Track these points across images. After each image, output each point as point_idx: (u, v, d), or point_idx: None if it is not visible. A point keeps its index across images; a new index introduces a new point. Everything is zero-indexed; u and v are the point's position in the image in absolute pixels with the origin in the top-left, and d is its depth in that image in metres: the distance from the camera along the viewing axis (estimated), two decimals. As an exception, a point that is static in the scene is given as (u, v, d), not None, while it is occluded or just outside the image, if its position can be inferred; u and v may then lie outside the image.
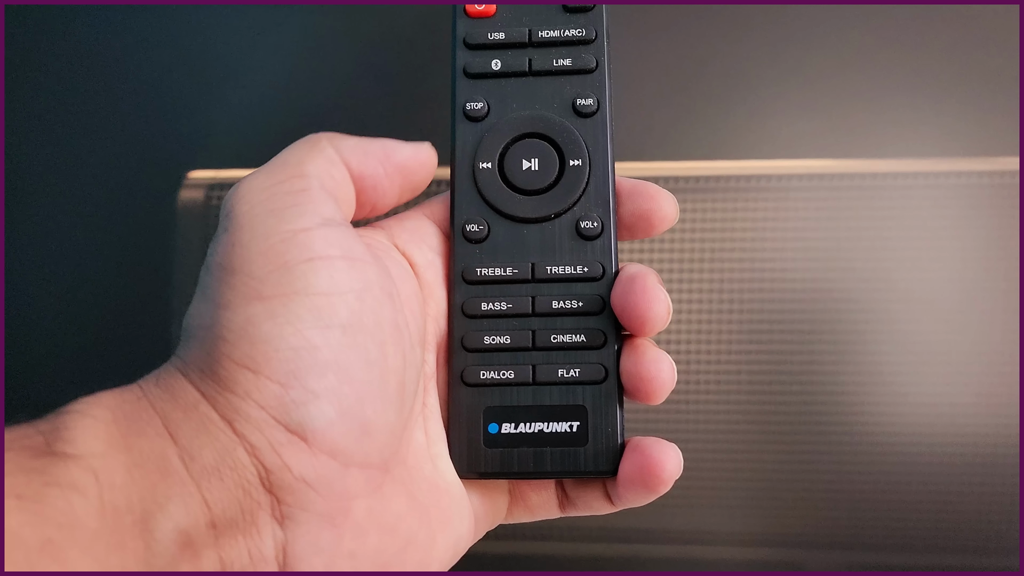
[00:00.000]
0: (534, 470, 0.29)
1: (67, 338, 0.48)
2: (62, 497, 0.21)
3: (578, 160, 0.31)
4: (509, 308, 0.30)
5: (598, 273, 0.30)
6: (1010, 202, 0.46)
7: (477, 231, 0.31)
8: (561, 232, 0.31)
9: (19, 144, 0.49)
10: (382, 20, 0.49)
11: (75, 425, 0.23)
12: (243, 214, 0.26)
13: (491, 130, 0.31)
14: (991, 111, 0.46)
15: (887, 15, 0.47)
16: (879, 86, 0.47)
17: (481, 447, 0.29)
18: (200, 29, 0.49)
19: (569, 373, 0.30)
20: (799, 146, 0.47)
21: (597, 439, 0.29)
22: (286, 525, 0.24)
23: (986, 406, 0.45)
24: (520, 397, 0.30)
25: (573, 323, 0.30)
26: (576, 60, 0.31)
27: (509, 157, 0.31)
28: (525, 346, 0.30)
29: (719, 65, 0.48)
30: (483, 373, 0.30)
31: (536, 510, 0.32)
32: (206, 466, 0.24)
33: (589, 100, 0.31)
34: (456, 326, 0.30)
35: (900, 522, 0.46)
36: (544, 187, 0.31)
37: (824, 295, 0.47)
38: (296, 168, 0.28)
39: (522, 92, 0.31)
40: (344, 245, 0.26)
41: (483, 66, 0.32)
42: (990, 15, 0.46)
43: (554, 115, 0.31)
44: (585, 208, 0.31)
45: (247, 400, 0.24)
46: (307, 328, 0.25)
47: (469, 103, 0.31)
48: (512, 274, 0.30)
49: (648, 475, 0.28)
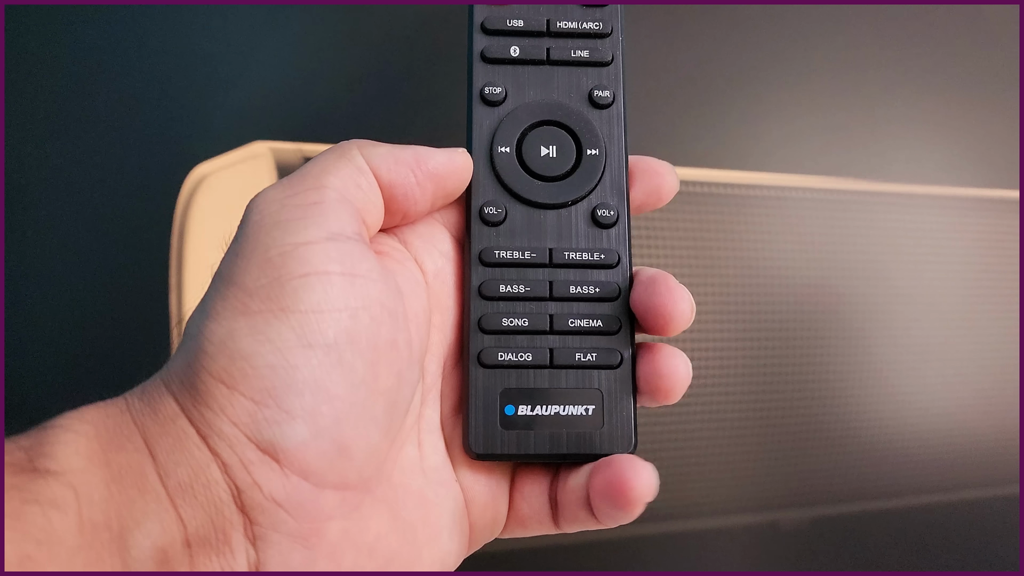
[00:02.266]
0: (550, 452, 0.29)
1: (67, 339, 0.47)
2: (41, 514, 0.21)
3: (595, 150, 0.31)
4: (527, 291, 0.30)
5: (614, 261, 0.31)
6: (1010, 203, 0.47)
7: (495, 213, 0.31)
8: (578, 219, 0.31)
9: (19, 144, 0.48)
10: (382, 20, 0.50)
11: (57, 440, 0.23)
12: (252, 224, 0.26)
13: (509, 115, 0.32)
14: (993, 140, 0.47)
15: (905, 42, 0.49)
16: (885, 108, 0.48)
17: (498, 428, 0.29)
18: (200, 29, 0.49)
19: (586, 357, 0.30)
20: (799, 161, 0.48)
21: (613, 422, 0.30)
22: (258, 545, 0.24)
23: (986, 406, 0.46)
24: (537, 380, 0.30)
25: (589, 308, 0.30)
26: (593, 52, 0.32)
27: (527, 143, 0.31)
28: (543, 329, 0.30)
29: (725, 76, 0.49)
30: (501, 355, 0.30)
31: (528, 523, 0.31)
32: (181, 482, 0.24)
33: (606, 92, 0.32)
34: (473, 307, 0.30)
35: (900, 521, 0.47)
36: (562, 174, 0.31)
37: (823, 296, 0.47)
38: (315, 179, 0.27)
39: (540, 80, 0.32)
40: (347, 261, 0.26)
41: (502, 51, 0.32)
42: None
43: (572, 104, 0.32)
44: (601, 196, 0.31)
45: (221, 416, 0.24)
46: (287, 346, 0.24)
47: (487, 87, 0.32)
48: (530, 258, 0.31)
49: (617, 493, 0.27)
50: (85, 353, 0.47)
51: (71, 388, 0.44)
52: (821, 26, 0.49)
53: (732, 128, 0.49)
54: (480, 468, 0.30)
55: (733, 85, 0.49)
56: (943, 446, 0.47)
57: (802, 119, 0.49)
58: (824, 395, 0.47)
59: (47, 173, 0.48)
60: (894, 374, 0.47)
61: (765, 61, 0.49)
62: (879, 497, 0.47)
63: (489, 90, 0.32)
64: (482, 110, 0.32)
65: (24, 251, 0.47)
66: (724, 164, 0.47)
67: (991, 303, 0.48)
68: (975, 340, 0.47)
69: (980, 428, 0.47)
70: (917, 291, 0.48)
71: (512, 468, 0.31)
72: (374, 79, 0.50)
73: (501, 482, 0.30)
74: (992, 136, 0.49)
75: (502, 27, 0.32)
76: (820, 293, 0.47)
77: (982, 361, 0.47)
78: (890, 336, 0.47)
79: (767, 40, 0.49)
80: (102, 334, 0.47)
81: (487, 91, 0.32)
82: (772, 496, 0.47)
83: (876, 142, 0.49)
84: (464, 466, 0.30)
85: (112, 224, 0.48)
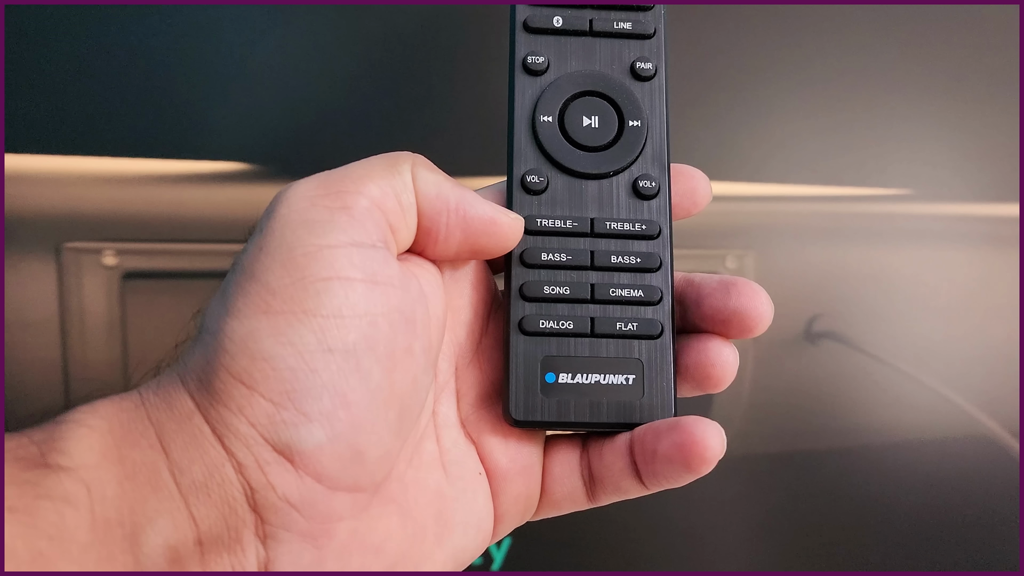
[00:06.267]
0: (590, 420, 0.29)
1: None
2: (54, 510, 0.22)
3: (637, 121, 0.31)
4: (569, 260, 0.30)
5: (655, 232, 0.31)
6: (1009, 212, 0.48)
7: (537, 182, 0.31)
8: (619, 189, 0.31)
9: (19, 144, 0.47)
10: (382, 20, 0.50)
11: (70, 435, 0.23)
12: (280, 218, 0.26)
13: (552, 85, 0.32)
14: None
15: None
16: (883, 110, 0.49)
17: (538, 395, 0.29)
18: (200, 29, 0.49)
19: (627, 327, 0.30)
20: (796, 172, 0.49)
21: (653, 392, 0.30)
22: (268, 544, 0.24)
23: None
24: (578, 348, 0.30)
25: (631, 279, 0.30)
26: (636, 24, 0.32)
27: (569, 113, 0.31)
28: (584, 298, 0.30)
29: (720, 85, 0.49)
30: (542, 322, 0.30)
31: (563, 503, 0.31)
32: (195, 481, 0.24)
33: (648, 64, 0.32)
34: (515, 275, 0.30)
35: (900, 521, 0.47)
36: (604, 144, 0.31)
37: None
38: (353, 183, 0.27)
39: (582, 51, 0.32)
40: (370, 267, 0.26)
41: (544, 21, 0.32)
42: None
43: (615, 75, 0.32)
44: (643, 168, 0.31)
45: (239, 416, 0.24)
46: (308, 349, 0.24)
47: (530, 56, 0.32)
48: (572, 227, 0.30)
49: (690, 454, 0.27)
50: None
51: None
52: (819, 28, 0.51)
53: (727, 138, 0.49)
54: (513, 455, 0.30)
55: (730, 93, 0.50)
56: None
57: (796, 127, 0.50)
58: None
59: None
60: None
61: (764, 63, 0.50)
62: (879, 497, 0.47)
63: (532, 59, 0.32)
64: (524, 79, 0.32)
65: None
66: (720, 176, 0.48)
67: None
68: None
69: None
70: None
71: (542, 450, 0.31)
72: (374, 79, 0.49)
73: (534, 465, 0.30)
74: (992, 137, 0.50)
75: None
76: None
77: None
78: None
79: (766, 42, 0.50)
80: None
81: (530, 60, 0.32)
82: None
83: (874, 146, 0.50)
84: (496, 454, 0.30)
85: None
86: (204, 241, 0.49)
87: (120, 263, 0.48)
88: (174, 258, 0.49)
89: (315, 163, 0.29)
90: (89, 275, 0.48)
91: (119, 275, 0.48)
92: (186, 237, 0.49)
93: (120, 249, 0.49)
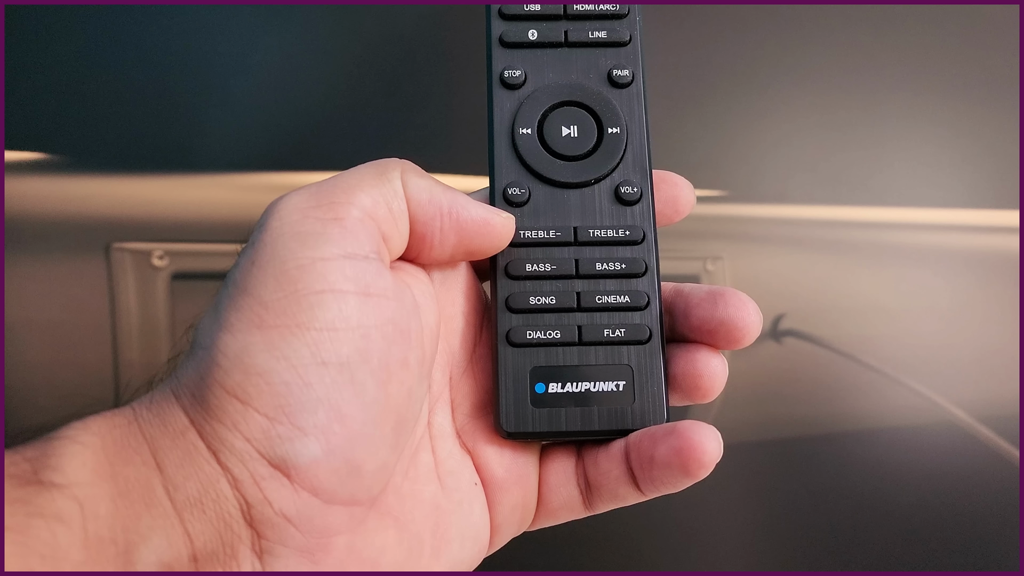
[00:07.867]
0: (582, 428, 0.29)
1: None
2: (46, 528, 0.21)
3: (616, 128, 0.32)
4: (553, 270, 0.30)
5: (639, 237, 0.31)
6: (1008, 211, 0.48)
7: (519, 194, 0.31)
8: (601, 197, 0.31)
9: (19, 144, 0.47)
10: (382, 20, 0.50)
11: (63, 452, 0.23)
12: (271, 231, 0.26)
13: (530, 97, 0.32)
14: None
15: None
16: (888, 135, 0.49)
17: (529, 407, 0.29)
18: (200, 30, 0.49)
19: (615, 333, 0.30)
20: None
21: (644, 398, 0.30)
22: (265, 559, 0.24)
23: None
24: (566, 357, 0.30)
25: (617, 285, 0.30)
26: (611, 33, 0.32)
27: (548, 124, 0.32)
28: (570, 307, 0.30)
29: (716, 94, 0.49)
30: (529, 333, 0.30)
31: (559, 512, 0.31)
32: (189, 497, 0.24)
33: (625, 71, 0.32)
34: (500, 287, 0.30)
35: (900, 521, 0.47)
36: (584, 153, 0.32)
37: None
38: (344, 194, 0.27)
39: (558, 62, 0.32)
40: (363, 280, 0.26)
41: (520, 35, 0.32)
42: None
43: (592, 84, 0.32)
44: (624, 174, 0.31)
45: (234, 431, 0.24)
46: (302, 363, 0.24)
47: (507, 71, 0.32)
48: (555, 237, 0.31)
49: (689, 459, 0.27)
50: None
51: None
52: (819, 29, 0.50)
53: (724, 152, 0.49)
54: (509, 464, 0.30)
55: (727, 101, 0.50)
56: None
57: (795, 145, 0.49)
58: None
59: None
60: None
61: (765, 65, 0.50)
62: (879, 496, 0.47)
63: (508, 73, 0.32)
64: (502, 93, 0.32)
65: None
66: (704, 185, 0.48)
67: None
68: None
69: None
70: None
71: (538, 459, 0.31)
72: (374, 79, 0.50)
73: (530, 475, 0.30)
74: (992, 136, 0.50)
75: (519, 12, 0.32)
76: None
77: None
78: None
79: (766, 44, 0.50)
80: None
81: (506, 74, 0.32)
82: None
83: (873, 147, 0.50)
84: (492, 464, 0.30)
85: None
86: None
87: (169, 264, 0.49)
88: (223, 259, 0.49)
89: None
90: (138, 276, 0.48)
91: (168, 276, 0.49)
92: (236, 239, 0.49)
93: (169, 250, 0.49)
